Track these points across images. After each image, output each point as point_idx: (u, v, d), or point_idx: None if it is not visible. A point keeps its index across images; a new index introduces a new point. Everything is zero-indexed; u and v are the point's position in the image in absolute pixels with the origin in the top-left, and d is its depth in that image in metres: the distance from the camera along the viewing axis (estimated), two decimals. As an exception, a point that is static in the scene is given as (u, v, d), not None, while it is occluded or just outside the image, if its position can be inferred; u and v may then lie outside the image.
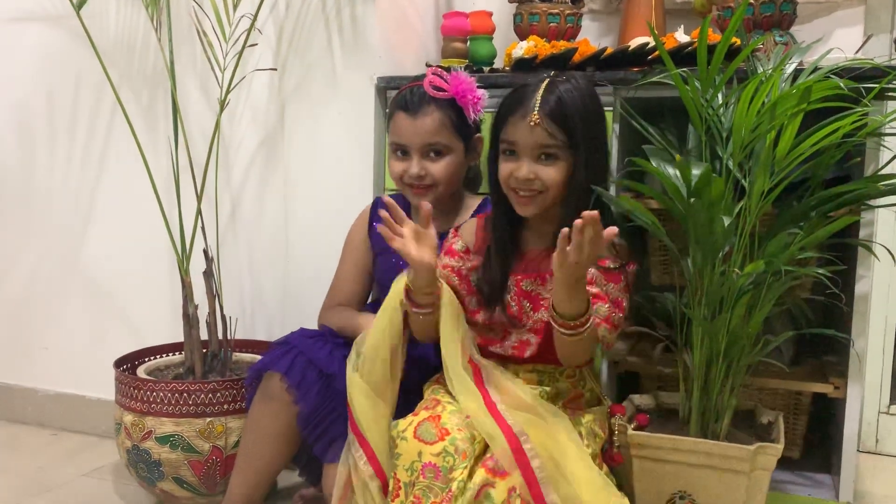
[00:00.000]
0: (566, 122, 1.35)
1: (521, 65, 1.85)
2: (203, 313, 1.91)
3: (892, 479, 2.07)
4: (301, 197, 2.04)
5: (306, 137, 2.02)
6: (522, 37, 2.00)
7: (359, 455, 1.35)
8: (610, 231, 1.18)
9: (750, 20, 1.81)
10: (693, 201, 1.34)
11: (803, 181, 1.49)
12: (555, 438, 1.26)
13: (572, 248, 1.19)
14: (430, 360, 1.54)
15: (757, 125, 1.35)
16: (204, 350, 1.91)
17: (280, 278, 2.08)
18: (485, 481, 1.21)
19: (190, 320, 1.89)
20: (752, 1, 1.78)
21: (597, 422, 1.43)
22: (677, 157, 1.41)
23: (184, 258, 1.90)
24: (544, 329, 1.42)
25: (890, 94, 1.48)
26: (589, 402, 1.48)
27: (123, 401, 1.81)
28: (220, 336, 1.92)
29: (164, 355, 2.01)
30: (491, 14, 2.04)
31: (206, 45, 1.87)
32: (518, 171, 1.38)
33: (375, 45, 1.93)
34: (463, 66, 1.95)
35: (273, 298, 2.09)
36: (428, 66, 2.04)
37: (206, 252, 1.89)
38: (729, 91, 1.49)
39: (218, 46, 1.88)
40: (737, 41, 1.66)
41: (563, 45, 1.88)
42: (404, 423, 1.29)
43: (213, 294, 1.90)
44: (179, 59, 2.00)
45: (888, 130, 1.49)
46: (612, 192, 1.73)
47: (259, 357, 1.71)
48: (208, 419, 1.76)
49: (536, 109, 1.35)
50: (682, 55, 1.69)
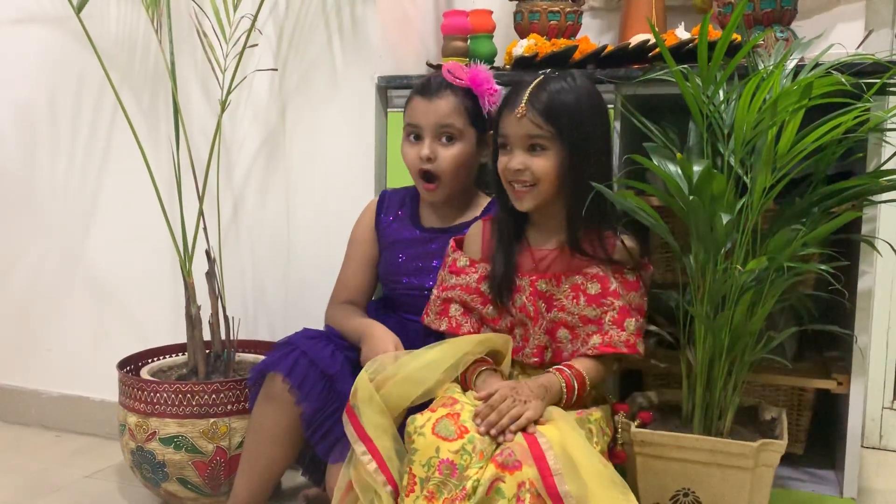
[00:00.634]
0: (551, 113, 1.40)
1: (522, 63, 1.85)
2: (206, 314, 1.91)
3: (895, 475, 2.07)
4: (303, 197, 2.04)
5: (307, 137, 2.02)
6: (523, 35, 2.00)
7: (367, 459, 1.32)
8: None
9: (750, 16, 1.81)
10: (694, 198, 1.34)
11: (805, 177, 1.48)
12: (566, 434, 1.26)
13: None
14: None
15: (758, 122, 1.35)
16: (207, 351, 1.92)
17: (282, 278, 2.08)
18: (494, 476, 1.21)
19: (193, 321, 1.89)
20: (752, -3, 1.77)
21: (604, 419, 1.44)
22: (678, 154, 1.41)
23: (186, 259, 1.90)
24: (555, 330, 1.46)
25: (892, 89, 1.48)
26: (594, 400, 1.48)
27: (127, 402, 1.81)
28: (223, 337, 1.92)
29: (168, 356, 2.02)
30: (491, 12, 2.04)
31: (207, 46, 1.87)
32: (510, 162, 1.43)
33: (376, 45, 1.93)
34: (464, 64, 1.96)
35: (275, 298, 2.09)
36: (428, 64, 2.05)
37: (208, 253, 1.89)
38: (730, 88, 1.49)
39: (218, 47, 1.89)
40: (737, 37, 1.66)
41: (563, 42, 1.87)
42: (422, 419, 1.29)
43: (216, 295, 1.90)
44: (180, 59, 2.00)
45: (890, 126, 1.49)
46: (614, 188, 1.74)
47: (262, 357, 1.71)
48: (212, 420, 1.76)
49: (523, 102, 1.40)
50: (683, 52, 1.69)
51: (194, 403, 1.75)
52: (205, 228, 1.90)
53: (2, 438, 2.30)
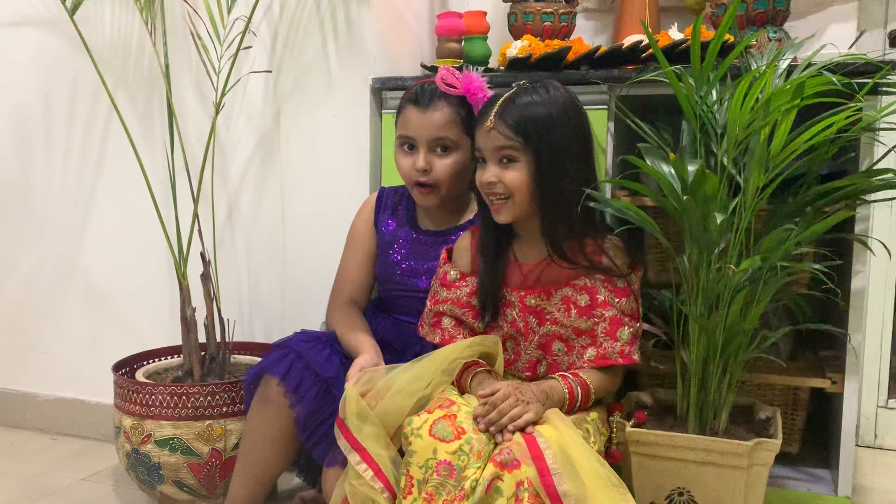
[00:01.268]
0: (519, 125, 1.38)
1: (516, 64, 1.85)
2: (201, 316, 1.91)
3: (890, 473, 2.07)
4: (298, 198, 2.04)
5: (302, 139, 2.02)
6: (517, 36, 2.00)
7: (363, 468, 1.32)
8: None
9: (743, 17, 1.82)
10: (688, 198, 1.34)
11: (798, 177, 1.49)
12: (563, 434, 1.27)
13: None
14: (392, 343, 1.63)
15: (751, 122, 1.36)
16: (202, 353, 1.91)
17: (277, 280, 2.08)
18: (494, 475, 1.21)
19: (188, 323, 1.89)
20: (745, -3, 1.78)
21: (601, 419, 1.45)
22: (671, 154, 1.41)
23: (181, 261, 1.90)
24: (550, 344, 1.47)
25: (884, 89, 1.48)
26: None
27: (122, 404, 1.81)
28: (219, 339, 1.92)
29: (163, 358, 2.01)
30: (485, 14, 2.04)
31: (201, 48, 1.87)
32: (483, 175, 1.43)
33: (370, 46, 1.94)
34: (458, 66, 1.96)
35: (271, 300, 2.09)
36: (423, 66, 2.05)
37: (203, 255, 1.89)
38: (723, 88, 1.49)
39: (213, 49, 1.89)
40: (730, 38, 1.66)
41: (557, 43, 1.88)
42: (419, 421, 1.29)
43: (211, 297, 1.90)
44: (174, 62, 2.00)
45: (882, 125, 1.49)
46: (608, 189, 1.75)
47: (258, 359, 1.71)
48: (207, 422, 1.76)
49: (492, 115, 1.40)
50: (676, 53, 1.69)
51: (190, 406, 1.75)
52: (199, 230, 1.90)
53: (-3, 442, 2.30)
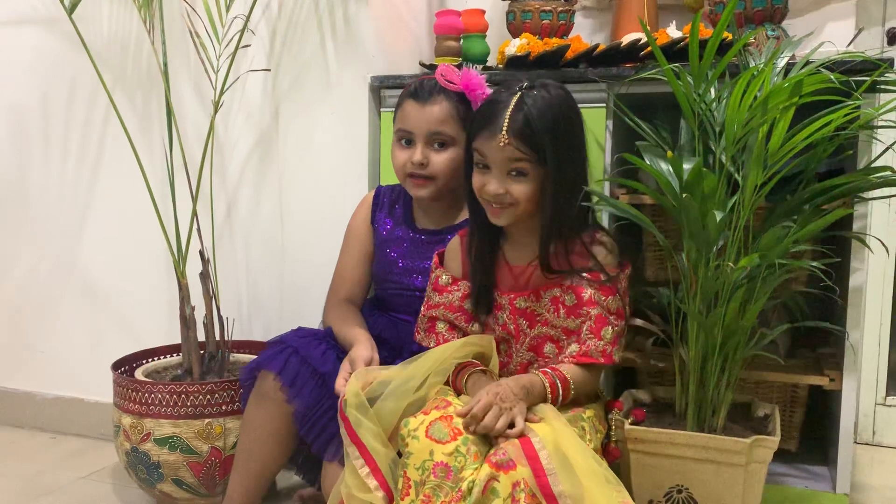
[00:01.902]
0: (534, 139, 1.36)
1: (515, 62, 1.85)
2: (200, 315, 1.91)
3: (889, 471, 2.08)
4: (296, 197, 2.04)
5: (301, 137, 2.02)
6: (515, 34, 2.01)
7: (360, 464, 1.33)
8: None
9: (741, 14, 1.82)
10: (686, 196, 1.34)
11: (796, 175, 1.49)
12: (559, 432, 1.27)
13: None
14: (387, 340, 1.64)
15: (749, 119, 1.36)
16: (201, 351, 1.92)
17: (276, 278, 2.08)
18: (490, 476, 1.21)
19: (187, 322, 1.89)
20: (743, -5, 1.78)
21: (597, 417, 1.44)
22: (669, 152, 1.41)
23: (180, 260, 1.90)
24: (541, 346, 1.46)
25: (882, 86, 1.49)
26: (587, 397, 1.48)
27: (122, 403, 1.81)
28: (218, 337, 1.92)
29: (162, 357, 2.02)
30: (484, 12, 2.04)
31: (200, 47, 1.87)
32: (489, 185, 1.40)
33: (369, 45, 1.94)
34: (456, 64, 1.96)
35: (270, 298, 2.10)
36: (421, 64, 2.05)
37: (202, 253, 1.89)
38: (721, 86, 1.49)
39: (211, 48, 1.89)
40: (728, 36, 1.66)
41: (555, 42, 1.88)
42: (415, 423, 1.29)
43: (210, 295, 1.90)
44: (173, 60, 2.00)
45: (880, 123, 1.49)
46: (606, 187, 1.75)
47: (255, 357, 1.71)
48: (207, 420, 1.76)
49: (504, 130, 1.35)
50: (675, 51, 1.70)
51: (189, 404, 1.75)
52: (198, 229, 1.90)
53: (-4, 441, 2.30)
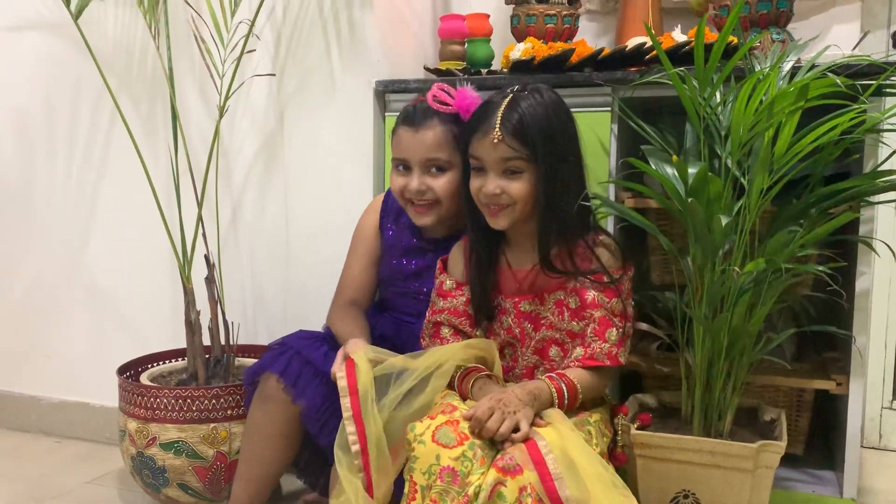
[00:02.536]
0: (527, 136, 1.37)
1: (519, 66, 1.85)
2: (205, 319, 1.91)
3: (895, 475, 2.07)
4: (301, 201, 2.04)
5: (306, 142, 2.02)
6: (520, 38, 2.00)
7: (353, 440, 1.35)
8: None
9: (746, 18, 1.81)
10: (692, 200, 1.34)
11: (802, 178, 1.49)
12: (565, 437, 1.26)
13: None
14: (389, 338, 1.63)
15: (755, 123, 1.35)
16: (207, 356, 1.92)
17: (281, 282, 2.08)
18: (496, 480, 1.20)
19: (192, 326, 1.89)
20: (748, -1, 1.78)
21: (603, 421, 1.44)
22: (674, 156, 1.41)
23: (185, 264, 1.90)
24: (546, 349, 1.46)
25: (888, 90, 1.48)
26: (594, 401, 1.48)
27: (127, 408, 1.81)
28: (223, 341, 1.93)
29: (167, 361, 2.02)
30: (488, 16, 2.04)
31: (205, 52, 1.87)
32: (485, 186, 1.41)
33: (373, 49, 1.94)
34: (461, 68, 1.96)
35: (275, 303, 2.10)
36: (426, 69, 2.05)
37: (207, 258, 1.89)
38: (726, 90, 1.49)
39: (216, 53, 1.89)
40: (734, 39, 1.66)
41: (560, 46, 1.88)
42: (422, 427, 1.28)
43: (215, 300, 1.90)
44: (178, 65, 2.01)
45: (886, 127, 1.49)
46: (612, 191, 1.75)
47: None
48: (212, 425, 1.76)
49: (497, 127, 1.37)
50: (680, 54, 1.69)
51: (194, 409, 1.76)
52: (203, 234, 1.90)
53: (2, 445, 2.30)
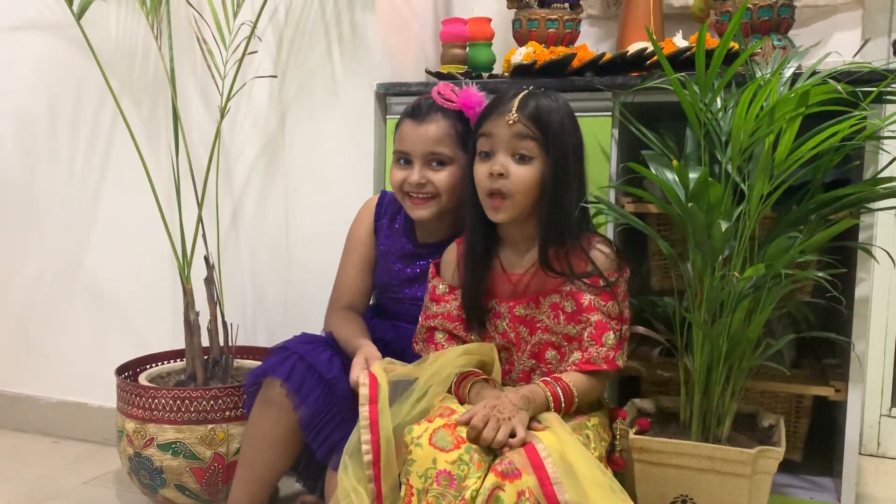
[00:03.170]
0: (541, 122, 1.39)
1: (521, 70, 1.85)
2: (204, 320, 1.91)
3: (893, 482, 2.07)
4: (302, 203, 2.05)
5: (307, 144, 2.02)
6: (521, 42, 2.01)
7: (367, 448, 1.33)
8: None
9: (748, 24, 1.82)
10: (692, 206, 1.34)
11: (802, 185, 1.49)
12: (563, 441, 1.26)
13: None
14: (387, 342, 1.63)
15: (755, 129, 1.36)
16: (205, 357, 1.92)
17: (281, 284, 2.08)
18: (495, 485, 1.20)
19: (191, 327, 1.89)
20: (749, 5, 1.78)
21: (601, 425, 1.44)
22: (675, 161, 1.42)
23: (185, 265, 1.90)
24: (543, 352, 1.46)
25: (888, 97, 1.49)
26: (591, 405, 1.48)
27: (125, 408, 1.81)
28: (222, 343, 1.93)
29: (166, 362, 2.02)
30: (490, 20, 2.05)
31: (207, 53, 1.88)
32: (493, 165, 1.41)
33: (375, 52, 1.94)
34: (462, 72, 1.97)
35: (274, 304, 2.10)
36: (427, 72, 2.05)
37: (207, 259, 1.89)
38: (727, 95, 1.49)
39: (218, 54, 1.89)
40: (735, 45, 1.66)
41: (561, 50, 1.88)
42: (419, 430, 1.28)
43: (215, 301, 1.90)
44: (180, 66, 2.01)
45: (887, 134, 1.49)
46: (612, 196, 1.75)
47: (260, 363, 1.71)
48: (210, 426, 1.76)
49: (515, 109, 1.40)
50: (681, 60, 1.70)
51: (192, 410, 1.75)
52: (204, 234, 1.90)
53: (0, 445, 2.30)
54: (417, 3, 2.13)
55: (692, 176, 1.36)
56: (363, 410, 1.37)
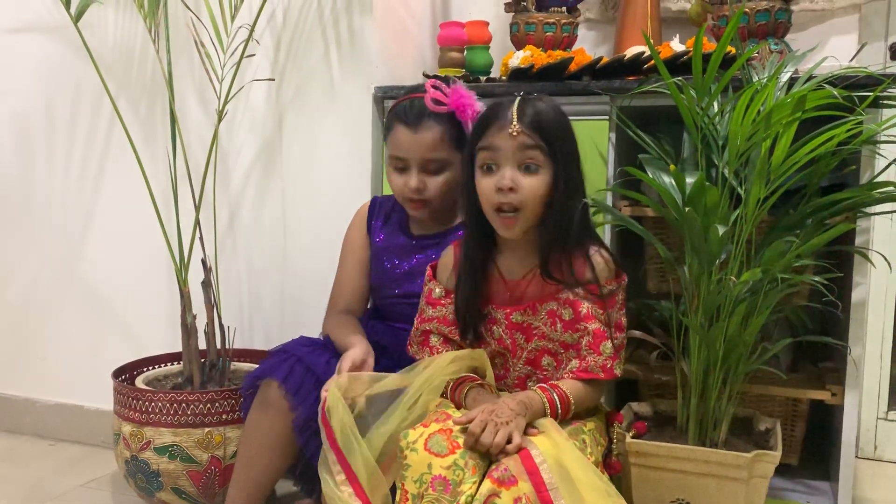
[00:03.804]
0: (543, 129, 1.36)
1: (518, 74, 1.86)
2: (201, 323, 1.91)
3: (890, 486, 2.07)
4: (299, 206, 2.04)
5: (304, 147, 2.02)
6: (519, 46, 2.01)
7: (337, 470, 1.33)
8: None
9: (745, 29, 1.82)
10: (688, 210, 1.34)
11: (799, 189, 1.49)
12: (559, 446, 1.26)
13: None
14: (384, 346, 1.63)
15: (752, 134, 1.36)
16: (202, 360, 1.91)
17: (278, 287, 2.08)
18: (491, 491, 1.20)
19: (188, 330, 1.89)
20: (747, 10, 1.79)
21: (598, 430, 1.43)
22: (672, 165, 1.42)
23: (182, 268, 1.90)
24: (539, 359, 1.46)
25: (884, 101, 1.49)
26: (588, 410, 1.48)
27: (122, 411, 1.81)
28: (219, 346, 1.92)
29: (163, 365, 2.01)
30: (487, 24, 2.05)
31: (204, 56, 1.87)
32: (501, 180, 1.36)
33: (373, 55, 1.94)
34: (460, 75, 1.97)
35: (271, 307, 2.10)
36: (425, 75, 2.05)
37: (204, 262, 1.89)
38: (724, 100, 1.50)
39: (216, 57, 1.89)
40: (732, 50, 1.67)
41: (559, 54, 1.89)
42: (414, 435, 1.28)
43: (212, 304, 1.90)
44: (177, 69, 2.01)
45: (883, 138, 1.50)
46: (609, 199, 1.75)
47: (257, 367, 1.71)
48: (207, 429, 1.76)
49: (515, 119, 1.36)
50: (678, 64, 1.70)
51: (189, 413, 1.75)
52: (201, 237, 1.90)
53: (-4, 447, 2.30)
54: (415, 6, 2.13)
55: (689, 180, 1.37)
56: (322, 433, 1.38)
